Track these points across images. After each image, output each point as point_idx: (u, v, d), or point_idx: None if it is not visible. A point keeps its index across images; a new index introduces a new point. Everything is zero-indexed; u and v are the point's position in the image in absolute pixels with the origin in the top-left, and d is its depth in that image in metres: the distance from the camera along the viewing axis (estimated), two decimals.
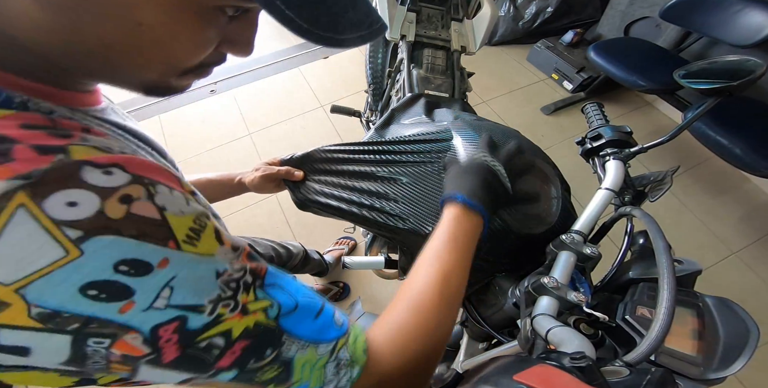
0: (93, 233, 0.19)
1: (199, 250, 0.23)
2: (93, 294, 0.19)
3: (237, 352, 0.24)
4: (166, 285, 0.21)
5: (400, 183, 0.58)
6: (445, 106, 0.87)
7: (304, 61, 2.38)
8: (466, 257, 0.43)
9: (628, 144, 0.64)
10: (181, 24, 0.24)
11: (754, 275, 1.59)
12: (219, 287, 0.24)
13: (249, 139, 1.98)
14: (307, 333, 0.28)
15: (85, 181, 0.20)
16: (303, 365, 0.27)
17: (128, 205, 0.20)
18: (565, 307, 0.41)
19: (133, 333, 0.20)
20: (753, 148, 1.39)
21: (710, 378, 0.36)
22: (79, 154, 0.21)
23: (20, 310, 0.18)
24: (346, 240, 1.61)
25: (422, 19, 1.10)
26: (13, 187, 0.17)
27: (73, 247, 0.18)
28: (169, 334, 0.21)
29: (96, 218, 0.19)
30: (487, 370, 0.28)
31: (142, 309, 0.20)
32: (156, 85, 0.29)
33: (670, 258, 0.40)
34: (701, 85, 0.57)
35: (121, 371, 0.22)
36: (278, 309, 0.27)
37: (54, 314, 0.19)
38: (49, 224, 0.18)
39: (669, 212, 1.75)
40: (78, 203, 0.19)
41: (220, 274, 0.24)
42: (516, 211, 0.55)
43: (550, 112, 2.10)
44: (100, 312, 0.19)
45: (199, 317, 0.22)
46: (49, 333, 0.19)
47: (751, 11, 1.43)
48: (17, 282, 0.18)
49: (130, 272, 0.20)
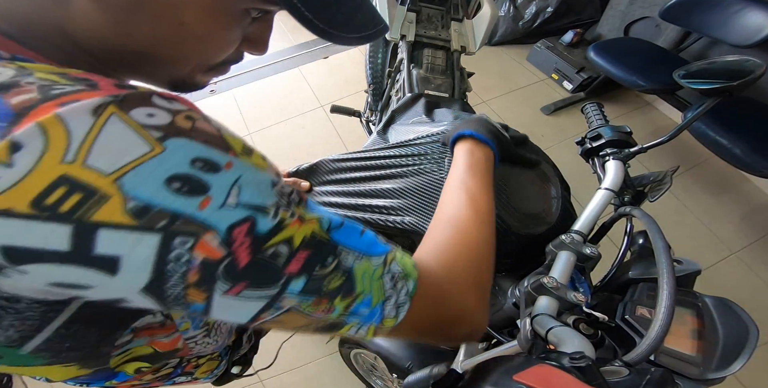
0: (171, 135, 0.21)
1: (254, 161, 0.25)
2: (177, 187, 0.21)
3: (302, 259, 0.25)
4: (234, 183, 0.23)
5: (402, 185, 0.59)
6: (445, 106, 0.87)
7: (304, 61, 2.38)
8: (487, 183, 0.45)
9: (628, 144, 0.64)
10: (215, 24, 0.27)
11: (754, 275, 1.59)
12: (276, 194, 0.25)
13: (249, 139, 1.97)
14: (358, 246, 0.29)
15: (156, 103, 0.22)
16: (363, 275, 0.28)
17: (193, 121, 0.23)
18: (564, 307, 0.42)
19: (212, 232, 0.22)
20: (753, 148, 1.39)
21: (710, 378, 0.36)
22: (146, 88, 0.24)
23: (118, 203, 0.20)
24: None
25: (422, 19, 1.10)
26: (106, 101, 0.20)
27: (157, 143, 0.21)
28: (242, 236, 0.23)
29: (171, 125, 0.22)
30: (486, 370, 0.28)
31: (218, 205, 0.22)
32: (183, 81, 0.32)
33: (670, 258, 0.40)
34: (701, 85, 0.57)
35: (197, 299, 0.23)
36: (329, 223, 0.28)
37: (146, 208, 0.20)
38: (136, 125, 0.20)
39: (668, 212, 1.75)
40: (155, 115, 0.22)
41: (275, 184, 0.26)
42: (516, 211, 0.55)
43: (550, 112, 2.10)
44: (184, 207, 0.21)
45: (265, 219, 0.24)
46: (141, 232, 0.20)
47: (750, 11, 1.43)
48: (116, 172, 0.20)
49: (204, 167, 0.22)
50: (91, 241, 0.20)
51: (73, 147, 0.19)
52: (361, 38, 0.31)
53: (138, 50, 0.27)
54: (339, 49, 2.43)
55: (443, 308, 0.33)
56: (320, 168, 0.67)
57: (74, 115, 0.19)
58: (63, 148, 0.19)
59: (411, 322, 0.31)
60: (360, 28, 0.31)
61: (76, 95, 0.20)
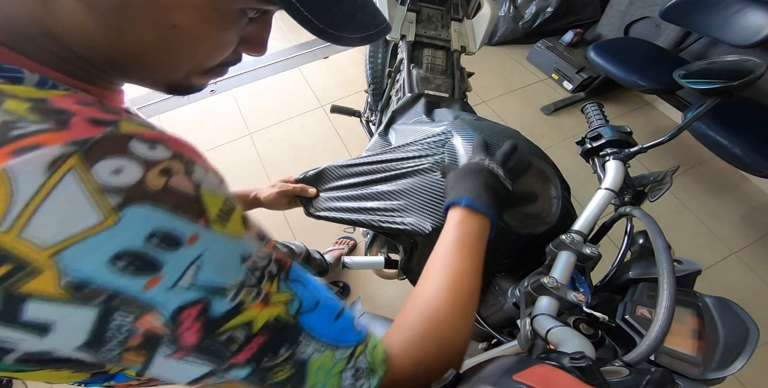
0: (131, 201, 0.20)
1: (228, 231, 0.24)
2: (122, 265, 0.19)
3: (254, 347, 0.24)
4: (193, 262, 0.21)
5: (403, 186, 0.59)
6: (445, 106, 0.87)
7: (304, 61, 2.38)
8: (477, 259, 0.42)
9: (628, 144, 0.64)
10: (210, 26, 0.26)
11: (754, 274, 1.59)
12: (244, 271, 0.24)
13: (249, 139, 1.98)
14: (326, 334, 0.27)
15: (132, 152, 0.21)
16: (318, 369, 0.27)
17: (168, 178, 0.21)
18: (564, 307, 0.41)
19: (154, 313, 0.21)
20: (753, 148, 1.39)
21: (710, 378, 0.36)
22: (127, 128, 0.22)
23: (51, 278, 0.18)
24: (346, 240, 1.61)
25: (422, 19, 1.10)
26: (68, 151, 0.19)
27: (112, 213, 0.19)
28: (191, 320, 0.21)
29: (137, 186, 0.20)
30: (486, 370, 0.28)
31: (167, 287, 0.21)
32: (179, 84, 0.31)
33: (670, 258, 0.40)
34: (701, 85, 0.57)
35: (134, 362, 0.22)
36: (299, 305, 0.27)
37: (82, 285, 0.19)
38: (93, 188, 0.19)
39: (669, 212, 1.75)
40: (122, 171, 0.20)
41: (246, 258, 0.24)
42: (516, 211, 0.55)
43: (550, 112, 2.10)
44: (126, 287, 0.20)
45: (221, 301, 0.22)
46: (76, 306, 0.19)
47: (750, 11, 1.43)
48: (53, 246, 0.18)
49: (160, 244, 0.20)
50: (19, 309, 0.19)
51: (12, 213, 0.17)
52: (362, 39, 0.30)
53: (129, 53, 0.26)
54: (339, 50, 2.43)
55: None
56: (327, 174, 0.69)
57: (24, 171, 0.18)
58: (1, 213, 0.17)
59: None
60: (361, 28, 0.29)
61: (37, 138, 0.19)
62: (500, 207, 0.48)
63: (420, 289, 0.39)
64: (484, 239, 0.44)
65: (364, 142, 1.79)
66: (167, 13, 0.24)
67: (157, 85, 0.30)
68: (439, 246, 0.43)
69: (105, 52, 0.26)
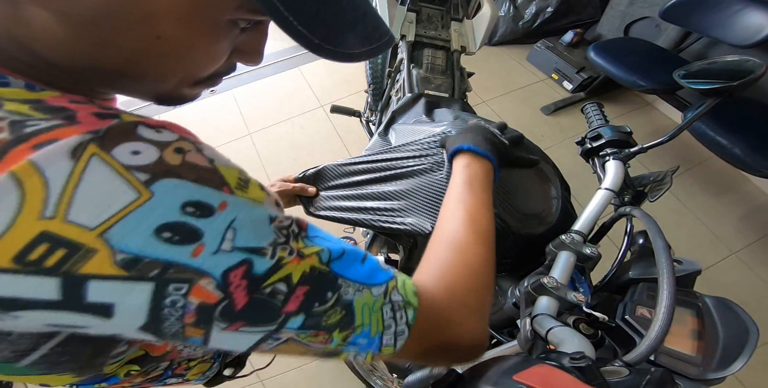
0: (159, 176, 0.20)
1: (250, 196, 0.24)
2: (167, 237, 0.20)
3: (300, 296, 0.25)
4: (229, 227, 0.22)
5: (403, 186, 0.59)
6: (445, 106, 0.87)
7: (304, 61, 2.38)
8: (487, 196, 0.44)
9: (628, 144, 0.64)
10: (197, 37, 0.25)
11: (754, 275, 1.59)
12: (274, 231, 0.25)
13: (249, 139, 1.98)
14: (359, 276, 0.28)
15: (142, 136, 0.21)
16: (362, 308, 0.28)
17: (183, 155, 0.22)
18: (564, 307, 0.42)
19: (206, 278, 0.21)
20: (753, 148, 1.39)
21: (710, 378, 0.36)
22: (130, 118, 0.22)
23: (106, 256, 0.19)
24: (346, 240, 1.61)
25: (422, 19, 1.10)
26: (85, 139, 0.19)
27: (144, 189, 0.20)
28: (238, 279, 0.22)
29: (159, 164, 0.20)
30: (486, 370, 0.28)
31: (212, 252, 0.21)
32: (169, 95, 0.30)
33: (670, 258, 0.40)
34: (701, 85, 0.57)
35: (195, 335, 0.23)
36: (328, 254, 0.27)
37: (136, 260, 0.19)
38: (120, 168, 0.19)
39: (668, 212, 1.75)
40: (140, 152, 0.20)
41: (273, 219, 0.25)
42: (516, 211, 0.55)
43: (550, 113, 2.10)
44: (176, 256, 0.20)
45: (262, 260, 0.23)
46: (133, 282, 0.20)
47: (750, 11, 1.43)
48: (100, 225, 0.19)
49: (195, 213, 0.21)
50: (82, 291, 0.19)
51: (51, 200, 0.18)
52: (363, 53, 0.28)
53: (113, 65, 0.25)
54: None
55: (443, 334, 0.32)
56: (326, 173, 0.68)
57: (51, 161, 0.18)
58: (41, 202, 0.18)
59: (410, 349, 0.30)
60: (362, 41, 0.28)
61: (52, 133, 0.19)
62: (500, 158, 0.51)
63: (439, 228, 0.41)
64: (491, 180, 0.47)
65: (364, 142, 1.79)
66: (150, 25, 0.23)
67: (146, 95, 0.29)
68: (450, 189, 0.45)
69: (86, 64, 0.25)
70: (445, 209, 0.43)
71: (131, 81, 0.27)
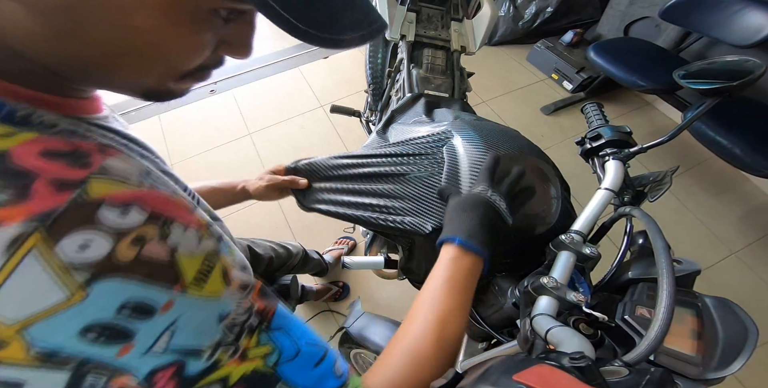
0: (100, 276, 0.19)
1: (205, 292, 0.23)
2: (92, 337, 0.19)
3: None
4: (167, 328, 0.21)
5: (403, 186, 0.58)
6: (444, 106, 0.87)
7: (304, 61, 2.38)
8: (466, 298, 0.41)
9: (628, 144, 0.64)
10: (175, 27, 0.23)
11: (754, 275, 1.59)
12: (221, 330, 0.23)
13: (249, 139, 1.98)
14: (305, 382, 0.27)
15: (101, 222, 0.20)
16: None
17: (140, 247, 0.20)
18: (564, 307, 0.41)
19: (128, 376, 0.20)
20: (753, 148, 1.39)
21: (709, 378, 0.36)
22: (97, 190, 0.21)
23: (19, 348, 0.18)
24: (346, 240, 1.61)
25: (422, 19, 1.10)
26: (28, 229, 0.18)
27: (79, 289, 0.19)
28: (165, 380, 0.21)
29: (105, 261, 0.19)
30: (486, 370, 0.28)
31: (141, 353, 0.20)
32: (154, 90, 0.28)
33: (670, 258, 0.40)
34: (700, 85, 0.57)
35: None
36: (278, 356, 0.26)
37: (52, 354, 0.19)
38: (57, 266, 0.18)
39: (668, 212, 1.75)
40: (90, 245, 0.19)
41: (224, 317, 0.24)
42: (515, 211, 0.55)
43: (550, 112, 2.10)
44: (98, 355, 0.19)
45: (197, 362, 0.22)
46: (46, 370, 0.19)
47: (750, 11, 1.43)
48: (20, 322, 0.18)
49: (132, 315, 0.20)
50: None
51: None
52: (354, 40, 0.26)
53: (88, 58, 0.24)
54: (338, 50, 2.42)
55: None
56: (320, 164, 0.66)
57: None
58: None
59: None
60: (352, 27, 0.26)
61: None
62: (497, 243, 0.47)
63: (405, 327, 0.39)
64: (475, 278, 0.43)
65: (364, 142, 1.79)
66: (123, 14, 0.21)
67: (130, 91, 0.28)
68: (428, 283, 0.42)
69: (60, 57, 0.23)
70: (418, 306, 0.40)
71: (108, 75, 0.26)
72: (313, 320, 1.43)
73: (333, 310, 1.46)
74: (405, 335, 0.38)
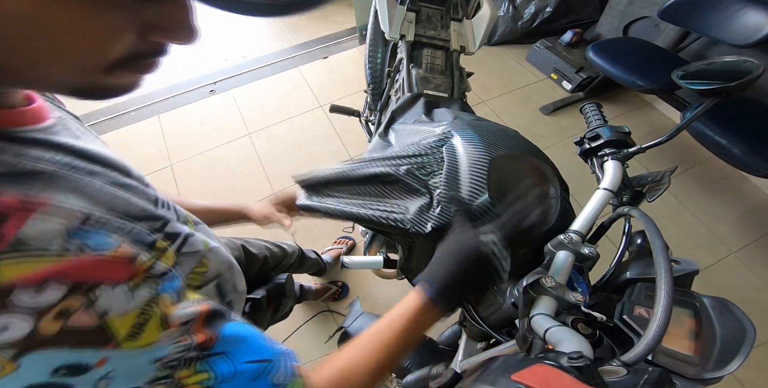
0: (25, 352, 0.19)
1: (141, 343, 0.23)
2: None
3: None
4: (103, 377, 0.22)
5: (402, 185, 0.59)
6: (444, 106, 0.87)
7: (304, 61, 2.37)
8: (413, 344, 0.43)
9: (627, 144, 0.64)
10: (65, 12, 0.20)
11: (752, 275, 1.59)
12: (156, 369, 0.24)
13: (248, 139, 1.98)
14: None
15: (15, 304, 0.19)
16: None
17: (65, 319, 0.20)
18: (563, 307, 0.42)
19: None
20: (752, 148, 1.39)
21: (707, 378, 0.36)
22: (9, 275, 0.19)
23: None
24: (345, 240, 1.61)
25: (422, 18, 1.10)
26: None
27: (9, 363, 0.19)
28: None
29: (28, 338, 0.19)
30: (485, 369, 0.28)
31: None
32: (82, 86, 0.24)
33: (668, 258, 0.40)
34: (699, 85, 0.57)
35: None
36: (215, 380, 0.27)
37: None
38: None
39: (667, 212, 1.75)
40: (8, 328, 0.19)
41: (160, 359, 0.24)
42: None
43: (549, 112, 2.11)
44: None
45: None
46: None
47: (749, 11, 1.44)
48: None
49: (68, 374, 0.20)
50: None
51: None
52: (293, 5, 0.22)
53: None
54: (338, 49, 2.43)
55: None
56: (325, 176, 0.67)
57: None
58: None
59: None
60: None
61: None
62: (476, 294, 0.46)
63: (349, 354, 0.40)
64: (432, 326, 0.44)
65: (363, 142, 1.79)
66: None
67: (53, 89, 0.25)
68: (386, 319, 0.43)
69: None
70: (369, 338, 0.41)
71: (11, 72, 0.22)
72: (312, 319, 1.43)
73: (332, 309, 1.46)
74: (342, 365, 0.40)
